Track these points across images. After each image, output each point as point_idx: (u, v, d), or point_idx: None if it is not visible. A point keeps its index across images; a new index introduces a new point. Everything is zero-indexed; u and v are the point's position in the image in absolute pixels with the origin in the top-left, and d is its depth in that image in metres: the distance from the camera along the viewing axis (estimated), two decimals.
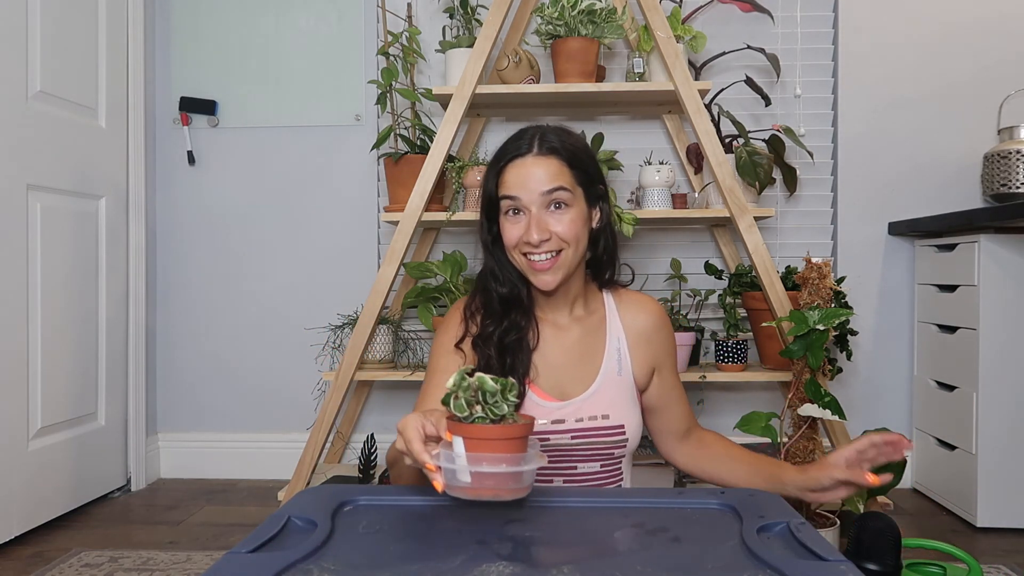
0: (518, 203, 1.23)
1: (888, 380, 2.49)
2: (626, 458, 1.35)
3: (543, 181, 1.22)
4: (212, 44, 2.59)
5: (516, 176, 1.24)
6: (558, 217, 1.23)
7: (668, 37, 2.07)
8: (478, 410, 0.91)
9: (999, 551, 1.90)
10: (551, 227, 1.22)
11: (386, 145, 2.27)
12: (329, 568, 0.80)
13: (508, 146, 1.27)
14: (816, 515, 1.73)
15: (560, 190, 1.22)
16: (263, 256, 2.61)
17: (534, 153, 1.24)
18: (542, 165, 1.23)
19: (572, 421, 1.28)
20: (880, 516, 1.40)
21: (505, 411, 0.92)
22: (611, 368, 1.32)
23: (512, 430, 0.90)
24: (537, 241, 1.22)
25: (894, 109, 2.46)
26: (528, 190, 1.22)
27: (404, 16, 2.34)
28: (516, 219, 1.25)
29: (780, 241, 2.51)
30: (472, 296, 1.36)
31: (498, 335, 1.28)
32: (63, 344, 2.16)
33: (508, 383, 0.92)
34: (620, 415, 1.30)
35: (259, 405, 2.62)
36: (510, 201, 1.24)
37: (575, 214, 1.24)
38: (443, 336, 1.34)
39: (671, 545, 0.88)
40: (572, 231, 1.23)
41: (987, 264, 2.03)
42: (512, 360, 1.27)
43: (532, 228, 1.22)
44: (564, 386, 1.30)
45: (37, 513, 2.07)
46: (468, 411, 0.91)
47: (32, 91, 2.05)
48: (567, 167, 1.24)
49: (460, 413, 0.91)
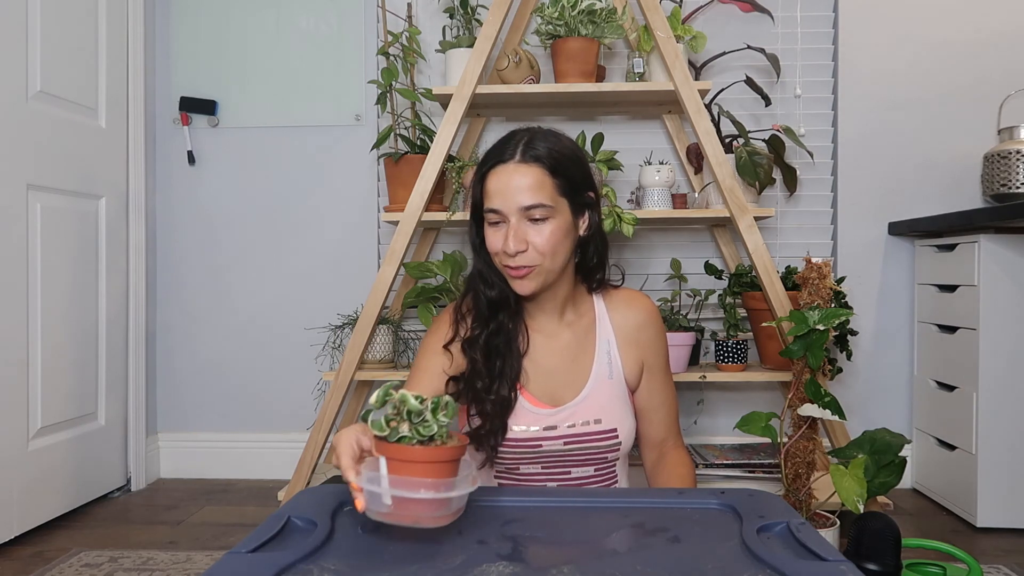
0: (499, 213, 1.21)
1: (888, 380, 2.49)
2: (620, 460, 1.34)
3: (522, 194, 1.19)
4: (212, 44, 2.59)
5: (497, 184, 1.21)
6: (538, 229, 1.21)
7: (668, 37, 2.07)
8: (404, 429, 0.85)
9: (999, 551, 1.90)
10: (529, 238, 1.20)
11: (386, 145, 2.26)
12: (329, 568, 0.80)
13: (493, 151, 1.25)
14: (816, 515, 1.73)
15: (538, 207, 1.20)
16: (263, 256, 2.61)
17: (516, 161, 1.21)
18: (523, 174, 1.20)
19: (564, 427, 1.27)
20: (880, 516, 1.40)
21: (434, 431, 0.85)
22: (602, 372, 1.31)
23: (437, 453, 0.84)
24: (513, 251, 1.20)
25: (894, 109, 2.46)
26: (508, 200, 1.20)
27: (404, 16, 2.34)
28: (497, 228, 1.23)
29: (780, 241, 2.51)
30: (462, 298, 1.34)
31: (485, 338, 1.27)
32: (63, 344, 2.16)
33: (440, 401, 0.87)
34: (612, 419, 1.29)
35: (259, 405, 2.61)
36: (491, 211, 1.22)
37: (555, 226, 1.21)
38: (431, 337, 1.33)
39: (671, 545, 0.88)
40: (550, 244, 1.21)
41: (987, 264, 2.03)
42: (502, 364, 1.26)
43: (509, 239, 1.20)
44: (555, 392, 1.30)
45: (37, 513, 2.07)
46: (387, 429, 0.85)
47: (32, 91, 2.05)
48: (549, 176, 1.21)
49: (378, 431, 0.85)
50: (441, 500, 0.83)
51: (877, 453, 1.62)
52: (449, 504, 0.84)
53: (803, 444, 1.75)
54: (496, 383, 1.25)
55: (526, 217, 1.20)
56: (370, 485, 0.83)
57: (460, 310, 1.33)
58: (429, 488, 0.82)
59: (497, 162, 1.22)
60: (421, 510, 0.83)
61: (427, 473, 0.83)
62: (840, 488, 1.51)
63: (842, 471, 1.53)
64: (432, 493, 0.82)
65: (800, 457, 1.75)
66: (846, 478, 1.51)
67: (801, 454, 1.75)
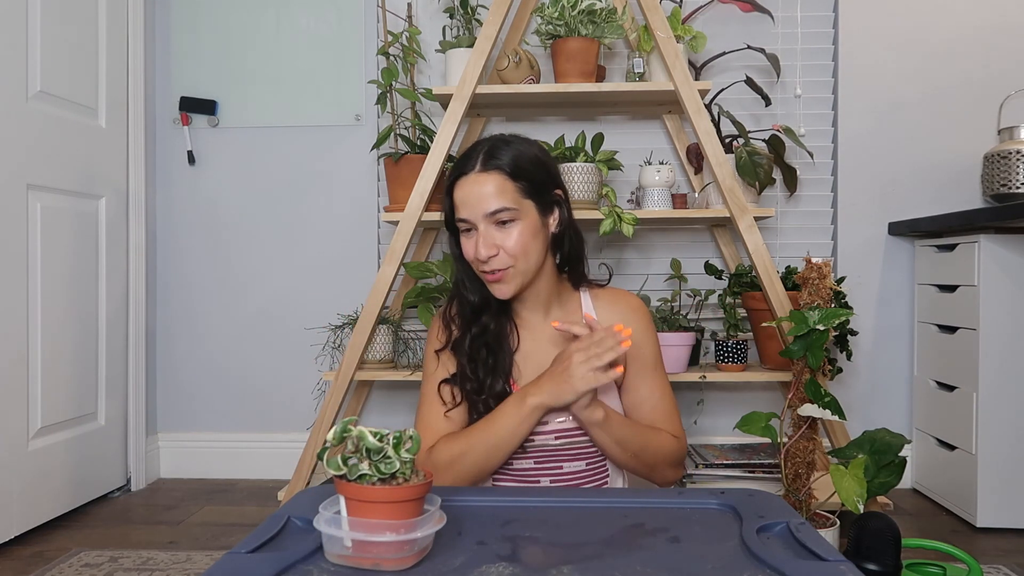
0: (468, 222, 1.27)
1: (888, 380, 2.49)
2: None
3: (486, 200, 1.25)
4: (212, 44, 2.59)
5: (462, 195, 1.27)
6: (506, 232, 1.26)
7: (668, 37, 2.07)
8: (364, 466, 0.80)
9: (999, 551, 1.90)
10: (498, 242, 1.26)
11: (386, 145, 2.26)
12: (329, 568, 0.80)
13: (457, 164, 1.31)
14: (816, 515, 1.74)
15: (502, 211, 1.25)
16: (263, 256, 2.61)
17: (476, 171, 1.27)
18: (485, 182, 1.25)
19: (555, 422, 1.30)
20: (880, 516, 1.41)
21: (396, 468, 0.81)
22: None
23: (398, 492, 0.79)
24: (485, 257, 1.26)
25: (894, 109, 2.46)
26: (473, 209, 1.26)
27: (404, 16, 2.34)
28: (469, 236, 1.29)
29: (780, 241, 2.51)
30: (449, 303, 1.41)
31: (470, 340, 1.33)
32: (63, 344, 2.16)
33: (403, 435, 0.83)
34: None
35: (259, 405, 2.61)
36: (461, 221, 1.29)
37: (523, 227, 1.27)
38: (428, 345, 1.41)
39: (671, 545, 0.88)
40: (519, 245, 1.26)
41: (987, 264, 2.03)
42: (494, 361, 1.31)
43: (479, 245, 1.26)
44: None
45: (37, 513, 2.07)
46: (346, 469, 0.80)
47: (32, 91, 2.05)
48: (511, 180, 1.26)
49: (334, 471, 0.80)
50: (404, 541, 0.79)
51: (877, 453, 1.62)
52: (413, 545, 0.80)
53: (803, 444, 1.75)
54: (490, 379, 1.31)
55: (493, 222, 1.26)
56: (328, 528, 0.80)
57: (447, 315, 1.39)
58: (390, 530, 0.78)
59: (460, 174, 1.29)
60: (383, 552, 0.79)
61: (389, 514, 0.79)
62: (840, 488, 1.51)
63: (842, 471, 1.53)
64: (393, 535, 0.78)
65: (800, 457, 1.75)
66: (846, 478, 1.51)
67: (801, 454, 1.75)
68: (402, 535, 0.79)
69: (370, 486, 0.80)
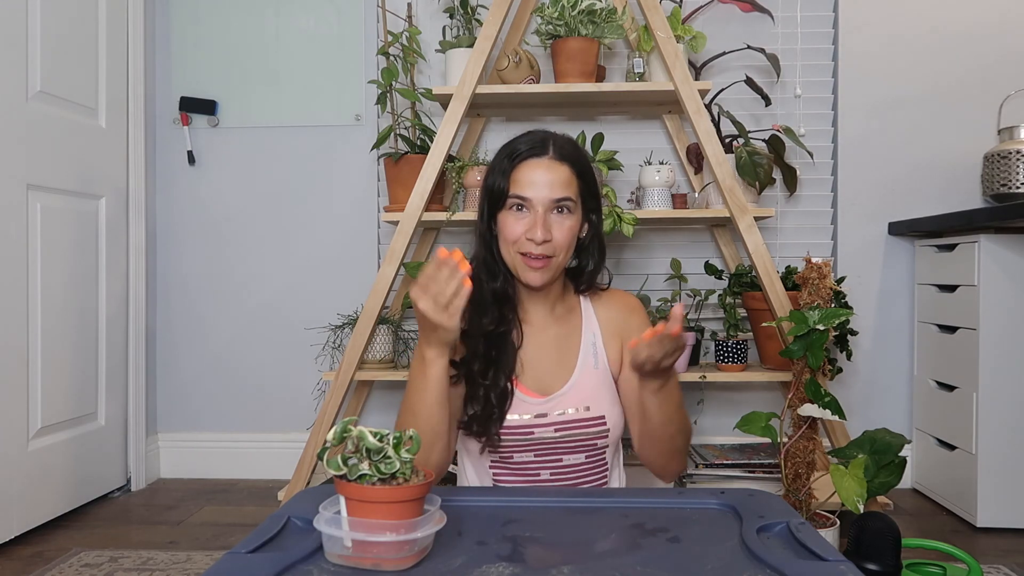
0: (527, 202, 1.28)
1: (888, 380, 2.49)
2: (611, 450, 1.37)
3: (556, 187, 1.27)
4: (212, 44, 2.59)
5: (531, 175, 1.28)
6: (560, 222, 1.29)
7: (668, 37, 2.07)
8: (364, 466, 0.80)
9: (999, 551, 1.90)
10: (553, 230, 1.27)
11: (386, 145, 2.26)
12: (329, 568, 0.80)
13: (522, 144, 1.31)
14: (816, 515, 1.74)
15: (567, 200, 1.28)
16: (263, 256, 2.61)
17: (550, 156, 1.29)
18: (557, 171, 1.28)
19: (555, 415, 1.31)
20: (880, 516, 1.41)
21: (396, 468, 0.81)
22: (588, 362, 1.36)
23: (399, 492, 0.80)
24: (541, 239, 1.26)
25: (894, 109, 2.46)
26: (541, 190, 1.27)
27: (404, 16, 2.34)
28: (520, 215, 1.29)
29: (780, 241, 2.51)
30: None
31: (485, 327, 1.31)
32: (63, 344, 2.16)
33: (403, 436, 0.83)
34: (600, 406, 1.33)
35: (259, 405, 2.61)
36: (518, 199, 1.28)
37: (573, 222, 1.30)
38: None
39: (671, 545, 0.88)
40: (568, 238, 1.29)
41: (987, 264, 2.03)
42: (498, 355, 1.31)
43: (538, 227, 1.26)
44: (545, 382, 1.34)
45: (37, 513, 2.07)
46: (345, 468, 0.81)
47: (32, 91, 2.05)
48: (576, 178, 1.30)
49: (335, 471, 0.81)
50: (404, 541, 0.79)
51: (877, 453, 1.62)
52: (413, 545, 0.80)
53: (803, 444, 1.75)
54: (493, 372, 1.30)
55: (554, 209, 1.28)
56: (328, 528, 0.80)
57: None
58: (390, 530, 0.79)
59: (531, 155, 1.30)
60: (383, 552, 0.79)
61: (389, 514, 0.79)
62: (840, 488, 1.51)
63: (842, 471, 1.53)
64: (393, 535, 0.79)
65: (800, 457, 1.75)
66: (846, 478, 1.52)
67: (801, 454, 1.75)
68: (402, 535, 0.79)
69: (370, 486, 0.80)
